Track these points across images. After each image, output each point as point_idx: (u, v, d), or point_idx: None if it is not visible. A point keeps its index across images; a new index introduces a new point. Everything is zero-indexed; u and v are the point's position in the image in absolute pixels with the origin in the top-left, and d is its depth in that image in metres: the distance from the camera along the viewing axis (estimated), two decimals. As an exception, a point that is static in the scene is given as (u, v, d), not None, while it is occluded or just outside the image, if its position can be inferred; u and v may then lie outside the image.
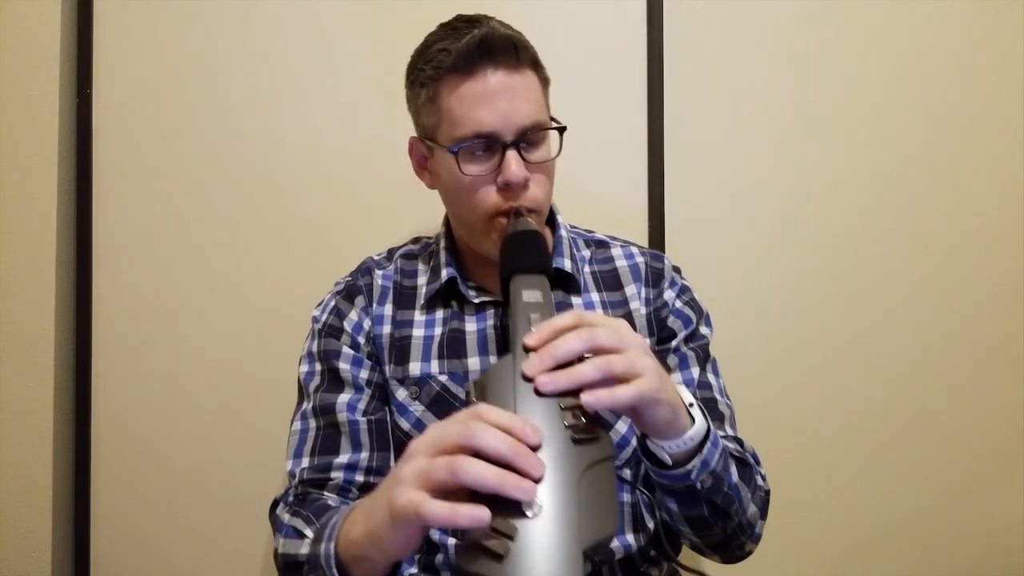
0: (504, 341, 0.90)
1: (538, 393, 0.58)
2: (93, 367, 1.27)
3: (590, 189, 1.26)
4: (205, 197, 1.27)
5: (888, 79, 1.28)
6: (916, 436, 1.28)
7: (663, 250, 1.25)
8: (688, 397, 0.70)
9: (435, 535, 0.88)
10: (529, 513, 0.52)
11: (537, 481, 0.53)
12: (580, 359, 0.62)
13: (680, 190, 1.27)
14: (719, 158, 1.28)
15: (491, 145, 0.85)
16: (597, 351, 0.62)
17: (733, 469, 0.77)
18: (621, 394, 0.60)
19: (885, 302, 1.28)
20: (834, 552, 1.28)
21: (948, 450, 1.27)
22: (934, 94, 1.28)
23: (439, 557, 0.88)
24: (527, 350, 0.61)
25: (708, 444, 0.71)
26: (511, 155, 0.84)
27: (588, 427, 0.58)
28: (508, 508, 0.52)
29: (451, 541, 0.88)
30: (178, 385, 1.27)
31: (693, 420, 0.70)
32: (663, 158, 1.26)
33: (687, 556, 0.99)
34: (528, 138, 0.85)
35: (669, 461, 0.70)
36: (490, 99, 0.84)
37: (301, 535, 0.79)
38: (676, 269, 1.02)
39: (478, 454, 0.53)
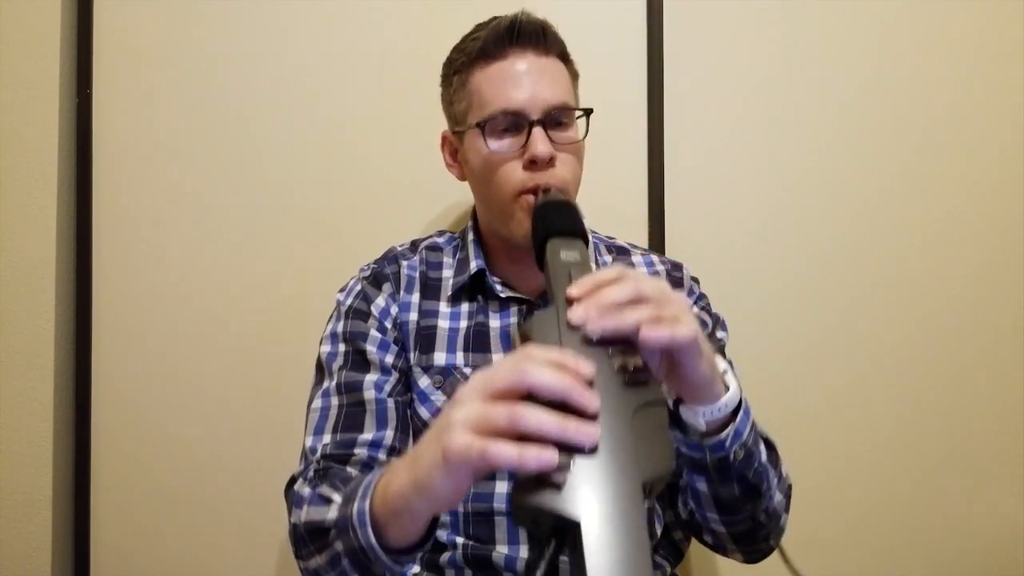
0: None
1: (586, 342, 0.57)
2: (93, 367, 1.27)
3: (590, 189, 1.25)
4: (206, 197, 1.27)
5: (889, 78, 1.28)
6: (916, 436, 1.28)
7: (663, 250, 1.25)
8: (723, 364, 0.70)
9: (442, 535, 0.88)
10: (587, 444, 0.51)
11: (593, 416, 0.52)
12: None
13: (680, 190, 1.27)
14: (719, 158, 1.28)
15: (518, 123, 0.87)
16: (643, 301, 0.60)
17: (762, 447, 0.77)
18: (679, 331, 0.59)
19: (885, 303, 1.28)
20: (834, 552, 1.28)
21: (948, 450, 1.27)
22: (935, 93, 1.28)
23: (444, 556, 0.88)
24: (570, 302, 0.60)
25: (741, 413, 0.71)
26: (537, 132, 0.85)
27: (637, 374, 0.57)
28: (567, 446, 0.51)
29: (459, 540, 0.88)
30: (178, 385, 1.27)
31: (726, 388, 0.69)
32: (663, 158, 1.26)
33: (692, 564, 0.99)
34: (555, 118, 0.87)
35: (703, 427, 0.69)
36: (517, 79, 0.87)
37: (328, 500, 0.75)
38: (695, 280, 1.03)
39: (531, 393, 0.52)
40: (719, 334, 0.98)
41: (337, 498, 0.74)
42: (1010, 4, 1.28)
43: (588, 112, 0.91)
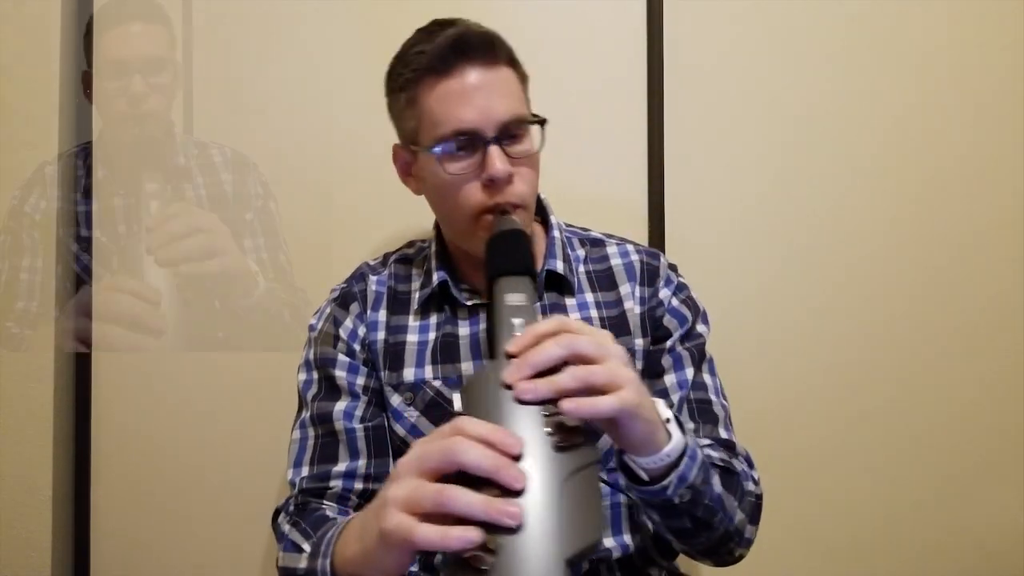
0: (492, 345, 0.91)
1: (519, 401, 0.59)
2: (93, 367, 1.27)
3: (590, 188, 1.26)
4: (206, 198, 1.27)
5: (889, 77, 1.28)
6: (916, 436, 1.28)
7: (663, 249, 1.25)
8: (665, 412, 0.70)
9: None
10: (512, 524, 0.52)
11: (519, 493, 0.54)
12: (562, 366, 0.61)
13: (680, 190, 1.27)
14: (719, 157, 1.28)
15: (473, 142, 0.84)
16: (577, 359, 0.62)
17: (716, 480, 0.76)
18: (602, 404, 0.60)
19: (885, 302, 1.28)
20: (833, 552, 1.28)
21: (948, 450, 1.27)
22: (935, 92, 1.28)
23: (439, 555, 0.88)
24: (508, 356, 0.62)
25: (685, 459, 0.70)
26: (493, 150, 0.83)
27: (570, 434, 0.58)
28: (494, 526, 0.53)
29: None
30: (178, 385, 1.27)
31: (670, 436, 0.69)
32: (663, 158, 1.26)
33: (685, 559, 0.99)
34: (509, 132, 0.85)
35: (646, 477, 0.70)
36: (468, 96, 0.83)
37: (299, 549, 0.80)
38: (672, 267, 1.01)
39: (461, 470, 0.54)
40: (699, 328, 0.96)
41: (307, 547, 0.79)
42: (1010, 4, 1.27)
43: (542, 122, 0.88)
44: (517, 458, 0.55)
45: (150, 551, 1.27)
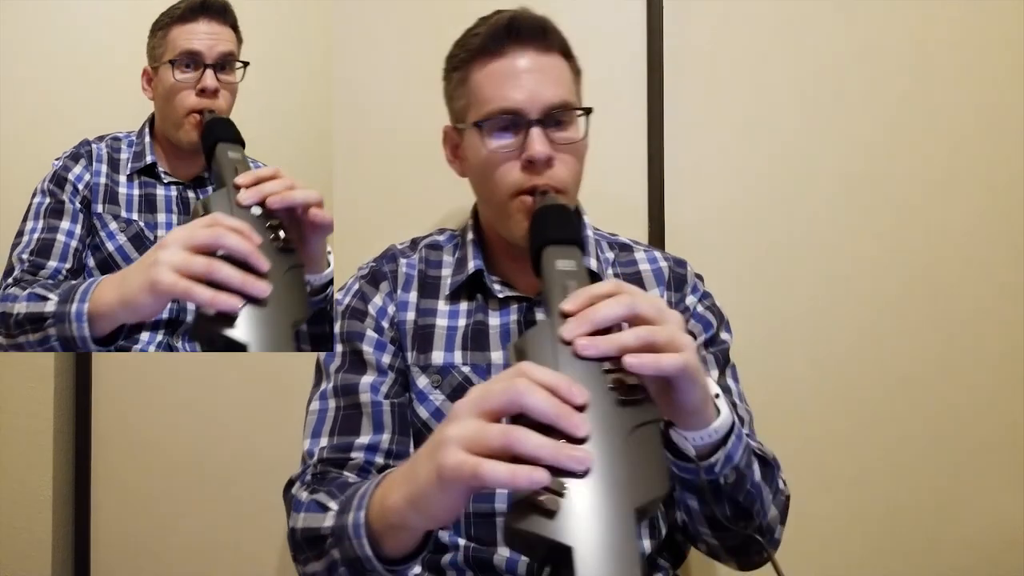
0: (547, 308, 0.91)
1: (578, 356, 0.57)
2: (93, 367, 1.27)
3: (590, 187, 1.25)
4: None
5: (888, 77, 1.28)
6: (916, 436, 1.27)
7: (663, 248, 1.25)
8: (715, 388, 0.69)
9: (444, 536, 0.88)
10: (580, 470, 0.51)
11: (583, 441, 0.52)
12: (619, 328, 0.60)
13: (680, 190, 1.27)
14: (719, 157, 1.28)
15: (517, 122, 0.85)
16: (636, 319, 0.60)
17: (756, 467, 0.76)
18: (665, 361, 0.59)
19: (884, 301, 1.28)
20: (834, 552, 1.28)
21: (948, 450, 1.27)
22: (934, 91, 1.28)
23: (446, 557, 0.88)
24: (564, 316, 0.60)
25: (733, 437, 0.70)
26: (535, 132, 0.84)
27: (631, 391, 0.57)
28: (559, 470, 0.51)
29: (461, 542, 0.88)
30: (178, 385, 1.27)
31: (718, 412, 0.69)
32: (663, 157, 1.26)
33: (691, 564, 0.99)
34: (555, 118, 0.86)
35: (693, 453, 0.69)
36: (516, 77, 0.86)
37: (324, 508, 0.76)
38: (699, 276, 1.02)
39: (524, 413, 0.53)
40: (723, 335, 0.97)
41: (334, 506, 0.74)
42: (1010, 4, 1.28)
43: (588, 111, 0.90)
44: (581, 409, 0.54)
45: (150, 551, 1.27)
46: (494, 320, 0.93)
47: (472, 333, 0.92)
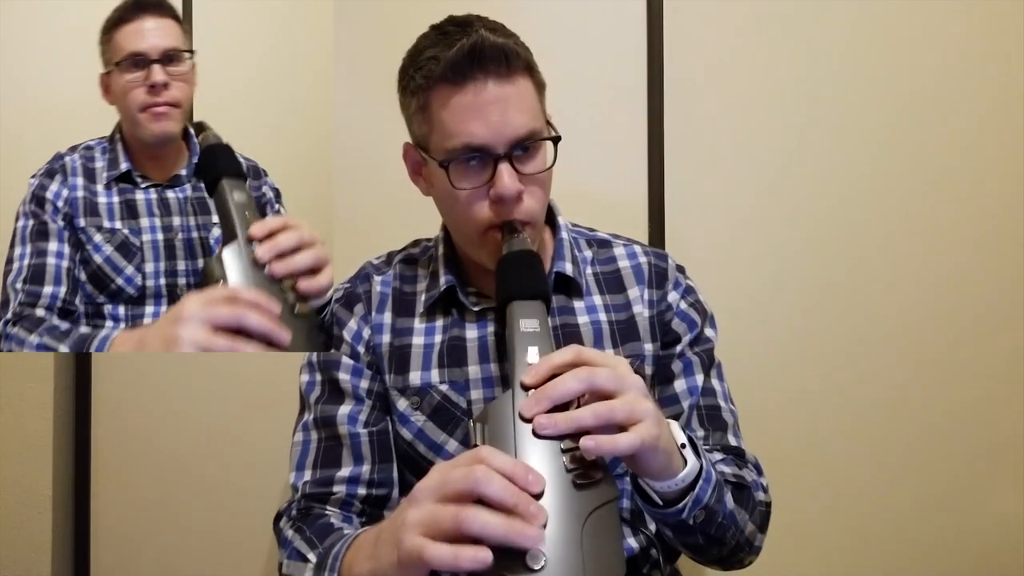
0: (502, 349, 0.89)
1: (538, 435, 0.59)
2: (93, 367, 1.27)
3: (590, 188, 1.26)
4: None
5: (888, 77, 1.28)
6: (916, 436, 1.27)
7: (663, 246, 1.25)
8: (680, 437, 0.70)
9: None
10: (535, 566, 0.52)
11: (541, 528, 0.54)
12: (579, 400, 0.61)
13: (680, 189, 1.27)
14: (719, 157, 1.28)
15: (483, 158, 0.82)
16: (595, 393, 0.61)
17: (728, 498, 0.76)
18: (622, 443, 0.60)
19: (885, 301, 1.28)
20: (834, 552, 1.28)
21: (948, 450, 1.27)
22: (935, 91, 1.28)
23: None
24: (525, 388, 0.62)
25: (700, 482, 0.70)
26: (503, 168, 0.81)
27: (589, 470, 0.58)
28: (514, 560, 0.53)
29: None
30: (178, 385, 1.27)
31: (685, 461, 0.69)
32: (663, 157, 1.26)
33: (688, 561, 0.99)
34: (522, 146, 0.83)
35: (660, 502, 0.70)
36: (481, 111, 0.80)
37: (304, 559, 0.79)
38: (680, 269, 0.99)
39: (481, 500, 0.54)
40: (708, 332, 0.95)
41: (312, 558, 0.78)
42: (1010, 4, 1.27)
43: (556, 139, 0.85)
44: (538, 496, 0.56)
45: (150, 551, 1.27)
46: (471, 333, 0.91)
47: (448, 349, 0.91)
